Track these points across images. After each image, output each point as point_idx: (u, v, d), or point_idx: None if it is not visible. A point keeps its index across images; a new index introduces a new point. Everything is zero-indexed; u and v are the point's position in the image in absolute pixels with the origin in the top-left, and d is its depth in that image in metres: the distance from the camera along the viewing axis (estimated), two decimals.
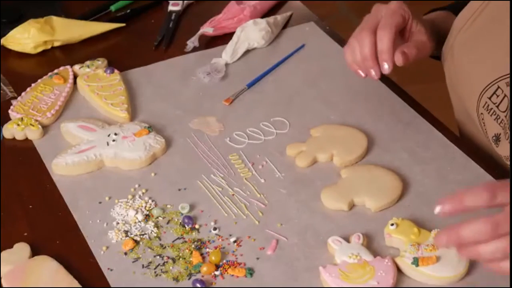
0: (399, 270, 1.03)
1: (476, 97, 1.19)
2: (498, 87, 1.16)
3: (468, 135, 1.28)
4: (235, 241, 1.09)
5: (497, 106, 1.16)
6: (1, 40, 1.42)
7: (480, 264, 1.04)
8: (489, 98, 1.17)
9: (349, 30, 1.26)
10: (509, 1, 1.15)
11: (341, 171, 1.17)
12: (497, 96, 1.16)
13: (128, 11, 1.54)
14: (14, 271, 1.04)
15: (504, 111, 1.15)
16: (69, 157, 1.20)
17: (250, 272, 1.04)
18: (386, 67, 1.15)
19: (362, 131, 1.24)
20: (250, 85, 1.35)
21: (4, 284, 1.04)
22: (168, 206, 1.14)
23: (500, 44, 1.15)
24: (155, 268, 1.06)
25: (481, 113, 1.19)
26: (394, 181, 1.15)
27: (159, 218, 1.13)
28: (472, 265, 1.04)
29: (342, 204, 1.12)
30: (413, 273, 1.03)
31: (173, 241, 1.09)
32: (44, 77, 1.35)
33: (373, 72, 1.16)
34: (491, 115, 1.17)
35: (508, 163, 1.16)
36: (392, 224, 1.07)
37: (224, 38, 1.45)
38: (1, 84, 1.36)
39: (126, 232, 1.10)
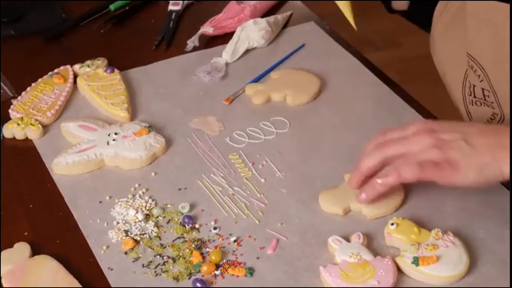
0: (399, 270, 1.03)
1: (461, 81, 1.20)
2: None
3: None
4: (235, 241, 1.09)
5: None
6: None
7: (480, 264, 1.04)
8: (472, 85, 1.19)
9: (349, 29, 1.26)
10: None
11: (345, 175, 1.16)
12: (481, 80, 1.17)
13: (127, 8, 1.54)
14: (14, 271, 1.04)
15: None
16: (70, 156, 1.20)
17: (251, 271, 1.04)
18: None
19: (317, 76, 1.33)
20: None
21: (4, 284, 1.04)
22: (168, 205, 1.14)
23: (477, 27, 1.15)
24: (155, 268, 1.06)
25: (469, 94, 1.20)
26: (395, 190, 1.12)
27: (159, 217, 1.13)
28: (472, 265, 1.04)
29: (338, 208, 1.11)
30: (413, 272, 1.03)
31: (173, 241, 1.09)
32: (44, 76, 1.35)
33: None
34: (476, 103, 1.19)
35: None
36: (392, 224, 1.07)
37: (224, 38, 1.45)
38: (1, 83, 1.36)
39: (126, 231, 1.10)
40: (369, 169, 1.07)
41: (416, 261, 1.02)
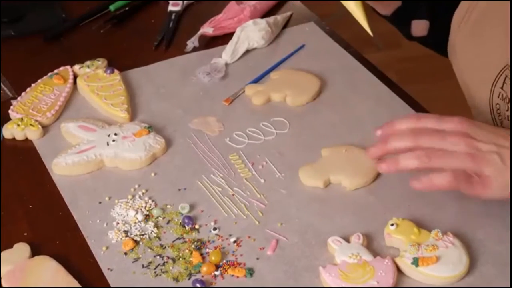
0: (399, 270, 1.03)
1: (488, 89, 1.18)
2: (506, 76, 1.15)
3: None
4: (235, 241, 1.09)
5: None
6: None
7: (480, 264, 1.04)
8: (502, 88, 1.17)
9: (349, 30, 1.26)
10: None
11: (322, 150, 1.20)
12: (506, 84, 1.15)
13: (127, 8, 1.54)
14: (14, 271, 1.04)
15: None
16: (69, 157, 1.20)
17: (250, 272, 1.04)
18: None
19: (317, 77, 1.33)
20: None
21: (4, 284, 1.04)
22: (168, 206, 1.14)
23: (500, 33, 1.15)
24: (155, 268, 1.06)
25: (497, 104, 1.18)
26: (371, 161, 1.14)
27: (159, 218, 1.13)
28: (472, 265, 1.04)
29: (318, 181, 1.15)
30: (413, 273, 1.03)
31: (173, 241, 1.09)
32: (44, 77, 1.35)
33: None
34: (507, 103, 1.17)
35: None
36: (392, 224, 1.07)
37: (224, 38, 1.45)
38: (1, 84, 1.36)
39: (126, 232, 1.11)
40: (395, 150, 1.05)
41: (416, 261, 1.02)
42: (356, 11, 1.10)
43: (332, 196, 1.15)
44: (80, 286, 1.03)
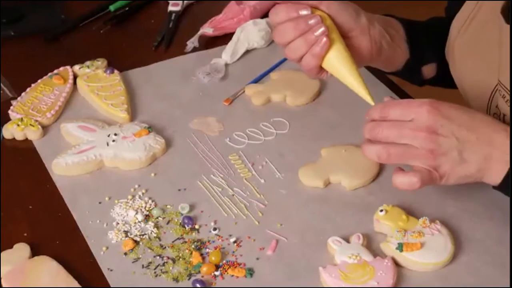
0: (385, 256, 1.04)
1: (486, 98, 1.18)
2: (505, 90, 1.15)
3: None
4: (235, 242, 1.09)
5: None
6: None
7: (480, 265, 1.04)
8: (502, 96, 1.17)
9: None
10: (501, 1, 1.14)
11: (322, 150, 1.20)
12: (504, 98, 1.15)
13: (127, 9, 1.54)
14: (14, 272, 1.04)
15: None
16: (69, 157, 1.20)
17: (250, 272, 1.04)
18: None
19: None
20: None
21: (4, 284, 1.04)
22: (168, 206, 1.14)
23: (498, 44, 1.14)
24: (155, 269, 1.06)
25: (495, 113, 1.18)
26: (370, 161, 1.15)
27: (159, 218, 1.13)
28: (472, 266, 1.04)
29: (318, 181, 1.15)
30: (398, 258, 1.04)
31: (173, 242, 1.09)
32: (44, 77, 1.35)
33: None
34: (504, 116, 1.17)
35: None
36: (381, 210, 1.08)
37: (224, 38, 1.45)
38: (1, 84, 1.36)
39: (126, 232, 1.11)
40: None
41: (400, 247, 1.03)
42: (358, 88, 1.11)
43: (332, 196, 1.15)
44: (80, 287, 1.03)
